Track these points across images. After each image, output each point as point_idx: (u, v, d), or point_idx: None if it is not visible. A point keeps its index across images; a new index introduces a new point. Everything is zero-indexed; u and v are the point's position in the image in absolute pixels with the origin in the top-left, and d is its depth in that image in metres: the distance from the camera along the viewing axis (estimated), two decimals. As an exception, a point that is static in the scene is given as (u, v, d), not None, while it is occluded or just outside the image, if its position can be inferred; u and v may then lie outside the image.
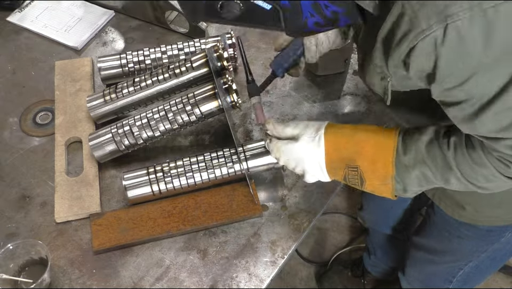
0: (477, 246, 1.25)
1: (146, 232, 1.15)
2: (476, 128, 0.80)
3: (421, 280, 1.53)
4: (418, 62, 0.76)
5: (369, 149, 0.94)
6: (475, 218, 1.15)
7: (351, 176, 0.97)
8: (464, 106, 0.78)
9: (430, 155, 0.89)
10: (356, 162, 0.95)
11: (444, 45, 0.71)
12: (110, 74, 1.37)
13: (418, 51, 0.74)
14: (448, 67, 0.74)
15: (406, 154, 0.91)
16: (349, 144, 0.96)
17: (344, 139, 0.96)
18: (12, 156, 1.30)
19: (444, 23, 0.69)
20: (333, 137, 0.97)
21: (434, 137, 0.89)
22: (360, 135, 0.95)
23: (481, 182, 0.87)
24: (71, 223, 1.18)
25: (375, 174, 0.94)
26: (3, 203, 1.22)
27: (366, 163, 0.94)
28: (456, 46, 0.71)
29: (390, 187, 0.94)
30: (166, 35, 1.57)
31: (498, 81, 0.72)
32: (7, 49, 1.55)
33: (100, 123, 1.31)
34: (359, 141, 0.95)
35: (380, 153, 0.93)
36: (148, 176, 1.17)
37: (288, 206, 1.21)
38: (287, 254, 1.14)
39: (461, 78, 0.74)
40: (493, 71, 0.72)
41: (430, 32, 0.71)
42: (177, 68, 1.25)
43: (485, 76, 0.73)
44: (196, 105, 1.19)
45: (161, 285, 1.10)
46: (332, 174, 1.00)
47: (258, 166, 1.19)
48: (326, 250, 2.21)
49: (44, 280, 1.05)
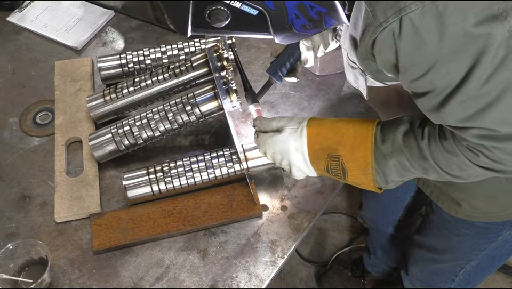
0: (476, 244, 1.26)
1: (146, 232, 1.15)
2: (443, 118, 0.82)
3: (423, 280, 1.53)
4: (382, 54, 0.79)
5: (348, 138, 0.96)
6: (471, 215, 1.16)
7: (333, 167, 0.98)
8: (430, 97, 0.80)
9: (406, 145, 0.91)
10: (337, 152, 0.97)
11: (401, 37, 0.74)
12: (110, 74, 1.37)
13: (379, 44, 0.77)
14: (409, 58, 0.76)
15: (384, 143, 0.93)
16: (330, 134, 0.98)
17: (326, 130, 0.99)
18: (12, 156, 1.30)
19: (399, 15, 0.72)
20: (315, 127, 1.00)
21: (409, 127, 0.91)
22: (340, 125, 0.98)
23: (455, 170, 0.89)
24: (71, 223, 1.18)
25: (355, 164, 0.96)
26: (3, 203, 1.22)
27: (346, 153, 0.96)
28: (412, 38, 0.73)
29: (371, 177, 0.95)
30: (166, 35, 1.57)
31: (460, 71, 0.74)
32: (7, 49, 1.55)
33: (100, 123, 1.31)
34: (339, 131, 0.97)
35: (359, 142, 0.95)
36: (148, 176, 1.17)
37: (288, 206, 1.21)
38: (287, 254, 1.14)
39: (422, 68, 0.76)
40: (453, 62, 0.74)
41: (387, 25, 0.74)
42: (177, 68, 1.25)
43: (446, 66, 0.75)
44: (195, 105, 1.19)
45: (161, 285, 1.10)
46: (315, 164, 1.01)
47: (258, 166, 1.19)
48: (326, 250, 2.21)
49: (43, 280, 1.05)
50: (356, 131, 0.96)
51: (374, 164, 0.94)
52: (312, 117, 1.03)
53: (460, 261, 1.35)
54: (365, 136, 0.94)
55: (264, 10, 0.81)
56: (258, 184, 1.23)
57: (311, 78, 1.45)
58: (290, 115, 1.36)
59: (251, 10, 0.81)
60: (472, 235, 1.23)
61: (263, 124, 1.06)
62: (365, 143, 0.94)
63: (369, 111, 1.37)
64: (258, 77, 1.45)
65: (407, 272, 1.58)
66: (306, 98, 1.41)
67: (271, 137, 1.03)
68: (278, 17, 0.83)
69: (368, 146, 0.94)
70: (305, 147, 1.00)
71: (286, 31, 0.86)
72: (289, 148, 1.01)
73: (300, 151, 1.01)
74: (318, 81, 1.45)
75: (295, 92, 1.42)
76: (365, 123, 0.96)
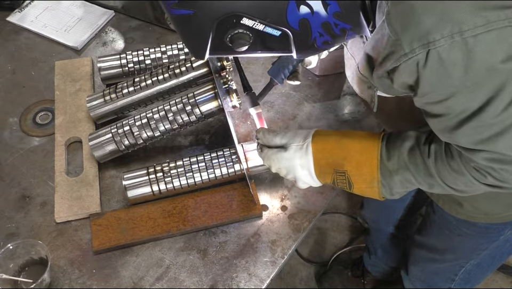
0: (477, 244, 1.26)
1: (146, 232, 1.15)
2: (454, 139, 0.82)
3: (423, 280, 1.53)
4: (401, 78, 0.79)
5: (354, 154, 0.96)
6: (473, 215, 1.16)
7: (339, 180, 0.99)
8: (444, 120, 0.80)
9: (412, 161, 0.91)
10: (343, 167, 0.97)
11: (426, 67, 0.74)
12: (110, 74, 1.37)
13: (401, 70, 0.77)
14: (429, 86, 0.76)
15: (389, 159, 0.93)
16: (336, 150, 0.98)
17: (331, 146, 0.99)
18: (12, 156, 1.30)
19: (426, 48, 0.72)
20: (320, 144, 1.00)
21: (415, 144, 0.92)
22: (346, 141, 0.98)
23: (460, 186, 0.90)
24: (71, 223, 1.18)
25: (361, 178, 0.97)
26: (3, 203, 1.22)
27: (352, 168, 0.97)
28: (437, 69, 0.73)
29: (376, 190, 0.97)
30: (166, 35, 1.57)
31: (478, 100, 0.74)
32: (7, 49, 1.55)
33: (100, 123, 1.31)
34: (345, 147, 0.97)
35: (365, 158, 0.95)
36: (148, 176, 1.17)
37: (288, 206, 1.21)
38: (287, 254, 1.14)
39: (441, 96, 0.76)
40: (473, 92, 0.74)
41: (412, 56, 0.73)
42: (177, 68, 1.25)
43: (466, 96, 0.75)
44: (195, 105, 1.19)
45: (161, 285, 1.10)
46: (321, 178, 1.02)
47: (258, 166, 1.19)
48: (326, 250, 2.21)
49: (43, 280, 1.05)
50: (361, 147, 0.96)
51: (380, 179, 0.95)
52: (316, 131, 1.02)
53: (460, 260, 1.35)
54: (370, 152, 0.95)
55: (287, 31, 0.80)
56: (258, 184, 1.23)
57: (311, 78, 1.45)
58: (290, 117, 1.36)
59: (274, 32, 0.80)
60: (474, 235, 1.23)
61: (267, 138, 1.05)
62: (370, 160, 0.94)
63: (369, 111, 1.37)
64: (258, 77, 1.45)
65: (407, 272, 1.58)
66: (306, 99, 1.41)
67: (276, 154, 1.03)
68: (301, 36, 0.82)
69: (374, 163, 0.94)
70: (311, 164, 1.00)
71: (308, 49, 0.86)
72: (295, 165, 1.01)
73: (305, 167, 1.01)
74: (318, 81, 1.45)
75: (295, 92, 1.42)
76: (371, 138, 0.96)
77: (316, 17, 0.79)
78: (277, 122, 1.36)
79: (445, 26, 0.70)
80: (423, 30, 0.71)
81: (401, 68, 0.77)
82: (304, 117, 1.37)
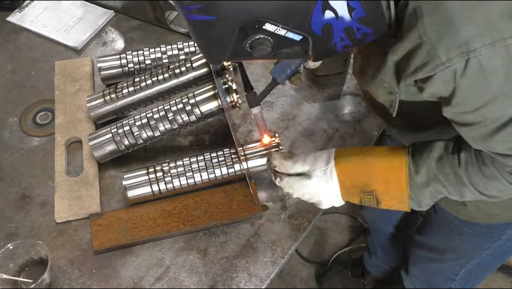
0: (478, 243, 1.26)
1: (146, 232, 1.15)
2: (489, 146, 0.82)
3: (423, 280, 1.53)
4: (434, 88, 0.78)
5: (381, 173, 0.95)
6: (474, 216, 1.16)
7: (366, 200, 0.98)
8: (477, 127, 0.80)
9: (441, 171, 0.90)
10: (371, 187, 0.96)
11: (464, 76, 0.73)
12: (110, 74, 1.37)
13: (436, 80, 0.76)
14: (466, 95, 0.76)
15: (418, 173, 0.92)
16: (361, 171, 0.96)
17: (355, 166, 0.97)
18: (12, 156, 1.30)
19: (466, 57, 0.71)
20: (344, 166, 0.97)
21: (444, 153, 0.90)
22: (370, 160, 0.96)
23: (493, 192, 0.89)
24: (71, 223, 1.18)
25: (390, 196, 0.95)
26: (3, 203, 1.22)
27: (380, 187, 0.95)
28: (476, 78, 0.73)
29: (405, 205, 0.96)
30: (166, 35, 1.57)
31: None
32: (7, 49, 1.55)
33: (100, 123, 1.31)
34: (370, 166, 0.96)
35: (393, 176, 0.94)
36: (148, 176, 1.17)
37: (288, 206, 1.21)
38: (287, 253, 1.14)
39: (477, 104, 0.76)
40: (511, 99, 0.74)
41: (450, 65, 0.73)
42: (177, 68, 1.25)
43: (503, 102, 0.75)
44: (195, 105, 1.19)
45: (161, 285, 1.10)
46: (347, 199, 1.01)
47: (258, 166, 1.19)
48: (326, 250, 2.21)
49: (43, 280, 1.05)
50: (387, 165, 0.94)
51: (409, 194, 0.93)
52: (336, 151, 0.99)
53: (461, 260, 1.34)
54: (398, 169, 0.93)
55: (308, 36, 0.79)
56: (258, 184, 1.23)
57: (311, 78, 1.45)
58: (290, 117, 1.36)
59: (295, 36, 0.79)
60: (475, 235, 1.23)
61: (285, 166, 1.01)
62: (399, 177, 0.93)
63: (369, 111, 1.37)
64: (258, 77, 1.44)
65: (407, 271, 1.58)
66: (306, 99, 1.41)
67: (299, 182, 1.00)
68: (322, 41, 0.80)
69: (403, 180, 0.93)
70: (337, 187, 0.98)
71: (326, 53, 0.85)
72: (320, 190, 0.99)
73: (332, 191, 0.99)
74: (318, 81, 1.44)
75: (295, 92, 1.42)
76: (395, 154, 0.94)
77: (339, 22, 0.78)
78: (277, 122, 1.36)
79: (486, 35, 0.70)
80: (462, 39, 0.71)
81: (435, 77, 0.76)
82: (304, 117, 1.37)
